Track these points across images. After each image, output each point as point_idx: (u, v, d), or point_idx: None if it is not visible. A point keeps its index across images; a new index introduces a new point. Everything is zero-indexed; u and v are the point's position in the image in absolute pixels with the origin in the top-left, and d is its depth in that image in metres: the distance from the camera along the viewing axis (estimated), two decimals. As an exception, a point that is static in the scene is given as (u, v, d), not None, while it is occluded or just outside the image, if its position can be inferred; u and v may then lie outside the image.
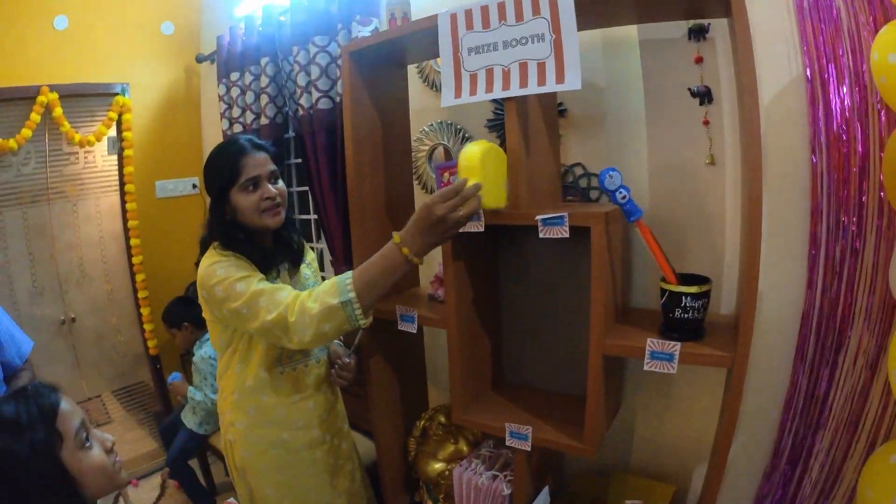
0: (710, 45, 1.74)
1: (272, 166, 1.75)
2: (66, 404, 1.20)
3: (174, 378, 3.14)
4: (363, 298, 1.55)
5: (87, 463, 1.19)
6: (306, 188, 3.16)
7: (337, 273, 2.60)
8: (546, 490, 1.97)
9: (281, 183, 1.77)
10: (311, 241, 3.44)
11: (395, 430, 2.37)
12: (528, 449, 1.80)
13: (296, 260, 1.90)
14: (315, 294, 1.59)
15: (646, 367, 1.54)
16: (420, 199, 2.40)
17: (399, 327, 2.01)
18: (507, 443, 1.83)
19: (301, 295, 1.61)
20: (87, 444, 1.20)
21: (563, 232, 1.57)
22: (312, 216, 3.38)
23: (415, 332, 2.00)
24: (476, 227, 1.70)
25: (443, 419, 2.21)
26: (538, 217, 1.59)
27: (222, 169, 1.72)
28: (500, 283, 2.08)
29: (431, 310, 2.00)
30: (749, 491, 1.84)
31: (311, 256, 2.00)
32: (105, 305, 3.80)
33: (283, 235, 1.87)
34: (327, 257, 3.08)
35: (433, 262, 2.27)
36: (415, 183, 2.44)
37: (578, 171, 2.00)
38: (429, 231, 1.47)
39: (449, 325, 1.85)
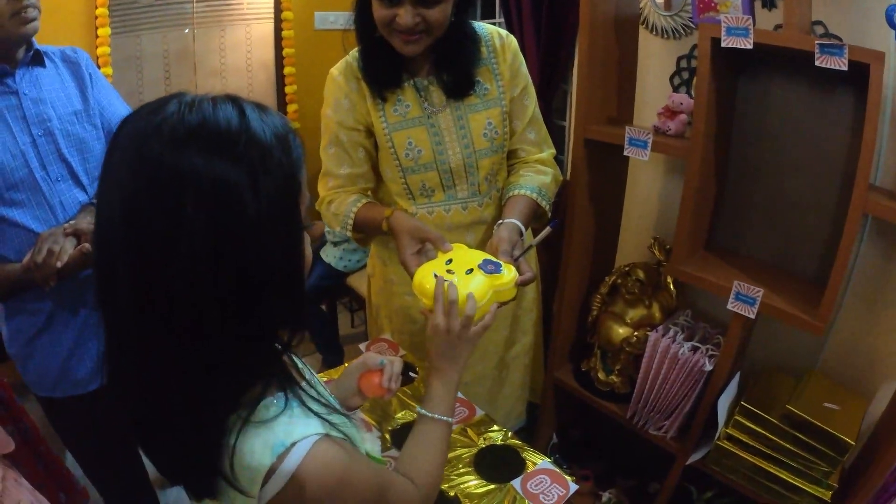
0: None
1: None
2: None
3: None
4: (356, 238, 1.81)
5: (308, 251, 0.88)
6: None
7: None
8: (737, 377, 1.90)
9: (439, 9, 1.48)
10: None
11: (580, 283, 2.29)
12: (752, 316, 1.70)
13: (455, 87, 1.66)
14: (333, 208, 1.75)
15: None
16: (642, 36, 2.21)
17: (625, 152, 1.89)
18: (730, 305, 1.74)
19: (329, 198, 1.77)
20: (308, 229, 0.89)
21: (840, 63, 1.42)
22: (499, 20, 3.21)
23: (645, 159, 1.86)
24: (742, 43, 1.55)
25: (641, 275, 2.08)
26: (817, 41, 1.43)
27: None
28: (734, 125, 1.91)
29: (662, 140, 1.86)
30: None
31: (514, 84, 1.73)
32: (246, 136, 3.85)
33: (444, 55, 1.64)
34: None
35: (660, 94, 2.12)
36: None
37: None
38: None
39: (692, 157, 1.73)
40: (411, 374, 1.76)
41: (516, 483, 1.39)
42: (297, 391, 0.85)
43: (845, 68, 1.41)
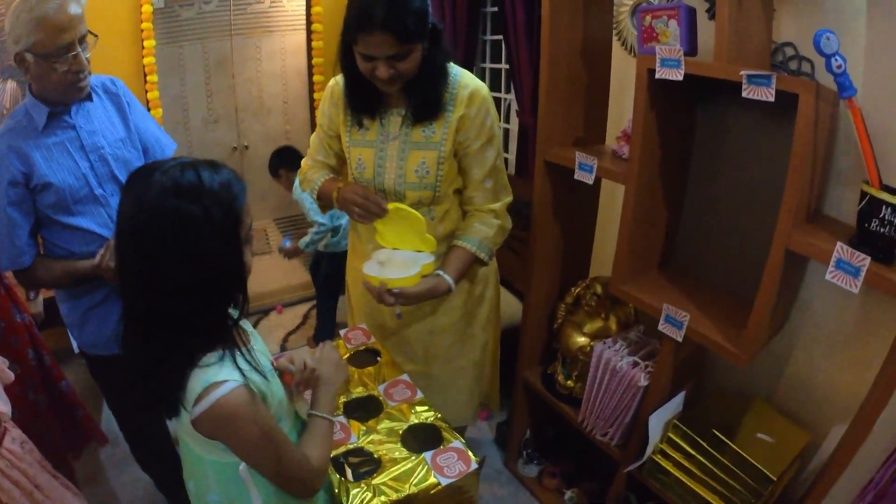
0: None
1: (395, 50, 1.55)
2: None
3: (284, 244, 3.32)
4: None
5: (248, 259, 1.21)
6: (500, 37, 3.06)
7: (522, 124, 2.77)
8: (682, 395, 1.84)
9: (409, 59, 1.60)
10: (499, 92, 3.34)
11: (547, 292, 2.29)
12: (680, 339, 1.65)
13: (420, 110, 1.74)
14: (308, 175, 1.99)
15: (827, 277, 1.32)
16: (617, 54, 2.16)
17: (575, 176, 1.87)
18: (660, 327, 1.70)
19: (305, 169, 2.02)
20: (249, 244, 1.23)
21: (768, 94, 1.35)
22: (504, 66, 3.27)
23: (590, 183, 1.85)
24: (674, 74, 1.51)
25: (599, 289, 2.06)
26: (743, 72, 1.37)
27: (347, 18, 1.60)
28: (692, 152, 1.86)
29: (614, 165, 1.82)
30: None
31: (462, 110, 1.75)
32: (280, 137, 3.95)
33: (413, 86, 1.71)
34: (514, 108, 3.14)
35: (622, 119, 2.06)
36: (614, 38, 2.20)
37: (789, 51, 1.68)
38: None
39: (629, 181, 1.70)
40: (378, 358, 1.90)
41: (428, 455, 1.52)
42: (233, 351, 1.17)
43: (772, 99, 1.33)
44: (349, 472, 1.49)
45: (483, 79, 3.40)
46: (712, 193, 1.84)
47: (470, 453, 1.52)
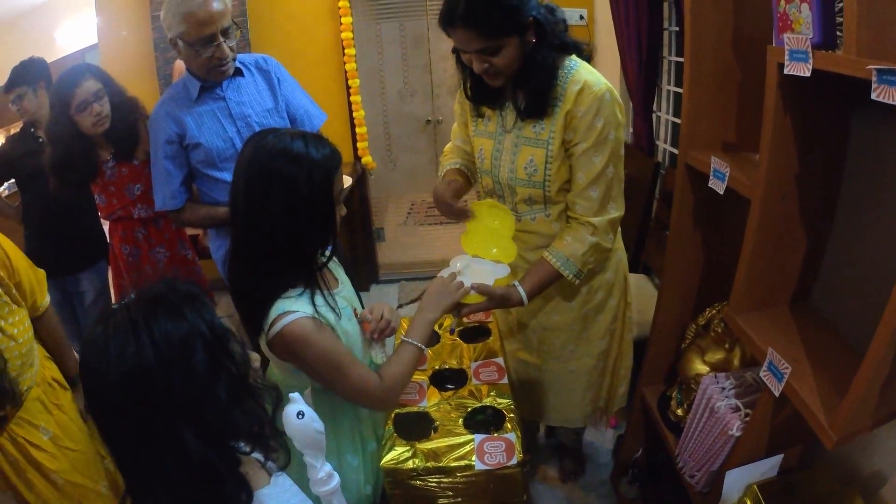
0: None
1: (480, 45, 1.50)
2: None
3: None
4: None
5: (337, 216, 1.38)
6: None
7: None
8: (778, 458, 1.48)
9: (503, 55, 1.52)
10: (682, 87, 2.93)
11: (680, 308, 1.99)
12: (776, 393, 1.32)
13: (525, 108, 1.64)
14: (444, 160, 2.01)
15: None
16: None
17: (709, 183, 1.57)
18: (761, 373, 1.37)
19: (447, 151, 2.01)
20: (339, 204, 1.39)
21: None
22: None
23: (720, 193, 1.54)
24: (802, 69, 1.17)
25: (728, 315, 1.73)
26: (871, 66, 0.99)
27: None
28: (844, 174, 1.45)
29: (747, 175, 1.48)
30: None
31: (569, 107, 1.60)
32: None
33: (517, 81, 1.63)
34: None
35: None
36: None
37: None
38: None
39: (755, 193, 1.38)
40: (487, 337, 2.01)
41: (478, 437, 1.55)
42: (313, 289, 1.35)
43: (902, 104, 0.95)
44: (431, 431, 1.59)
45: (668, 73, 3.02)
46: (865, 228, 1.40)
47: (518, 449, 1.50)
